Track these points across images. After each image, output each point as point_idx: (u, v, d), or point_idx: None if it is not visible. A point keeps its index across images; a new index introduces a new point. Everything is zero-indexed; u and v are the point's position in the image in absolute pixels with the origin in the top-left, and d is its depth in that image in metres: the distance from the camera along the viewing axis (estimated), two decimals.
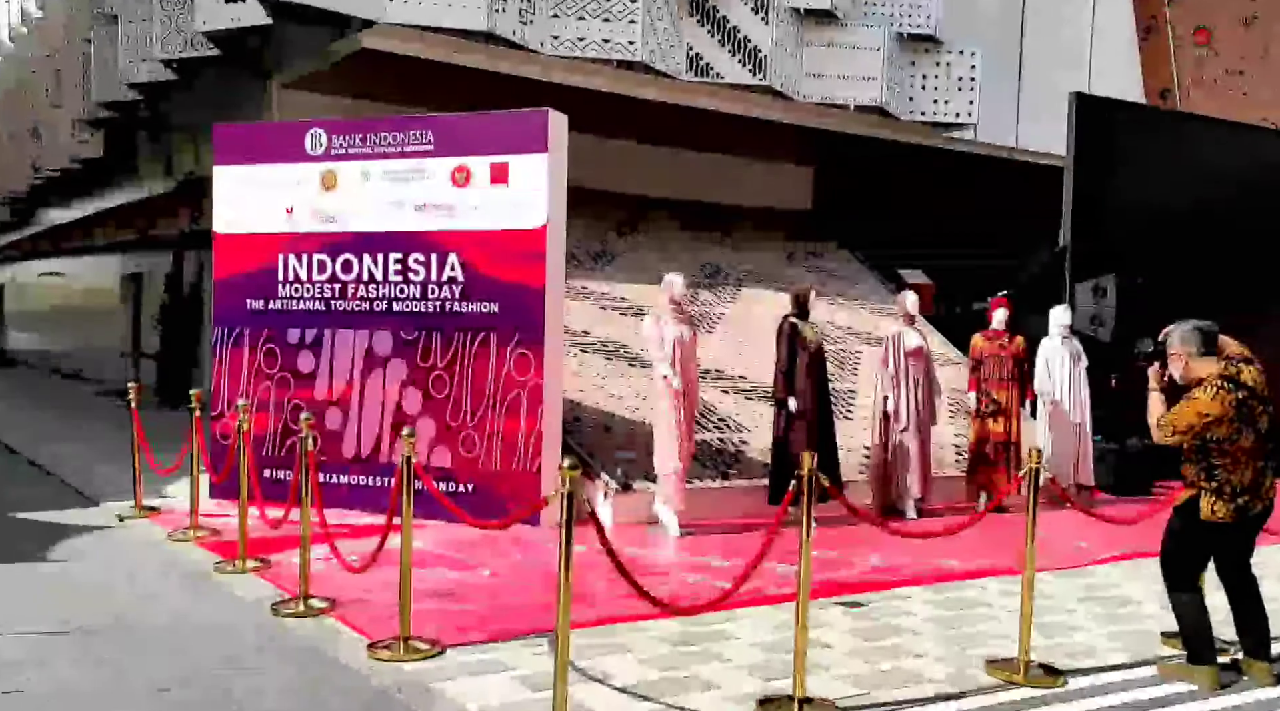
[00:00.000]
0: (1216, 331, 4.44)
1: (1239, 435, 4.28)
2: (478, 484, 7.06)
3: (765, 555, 4.19)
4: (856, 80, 12.90)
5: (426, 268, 7.20)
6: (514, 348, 7.00)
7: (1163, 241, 10.99)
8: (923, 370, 8.06)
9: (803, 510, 4.02)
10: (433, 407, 7.17)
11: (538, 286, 6.97)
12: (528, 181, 7.00)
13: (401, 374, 7.25)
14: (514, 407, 6.99)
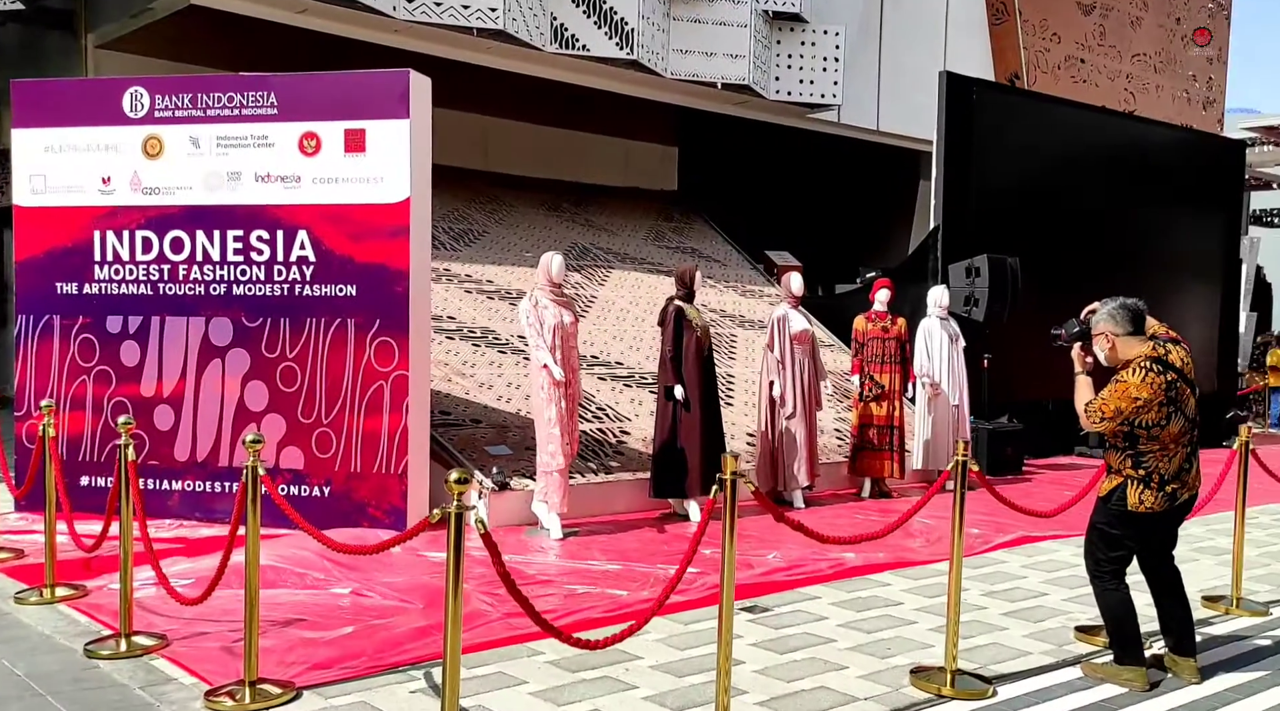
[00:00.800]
0: (1144, 310, 4.14)
1: (1168, 420, 3.98)
2: (335, 487, 6.25)
3: (684, 572, 3.63)
4: (723, 57, 12.46)
5: (271, 246, 6.31)
6: (375, 335, 6.21)
7: (1026, 220, 11.04)
8: (809, 353, 7.68)
9: (725, 518, 3.47)
10: (281, 403, 6.30)
11: (400, 267, 6.19)
12: (387, 150, 6.20)
13: (244, 366, 6.34)
14: (375, 402, 6.21)
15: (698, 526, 3.61)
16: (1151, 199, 12.44)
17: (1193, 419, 4.07)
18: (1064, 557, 6.25)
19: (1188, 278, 12.90)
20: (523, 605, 3.12)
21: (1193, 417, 4.06)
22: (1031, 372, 11.07)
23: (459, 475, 2.98)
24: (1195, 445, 4.13)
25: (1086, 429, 4.13)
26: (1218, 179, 13.26)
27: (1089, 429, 4.11)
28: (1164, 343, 4.07)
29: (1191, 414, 4.06)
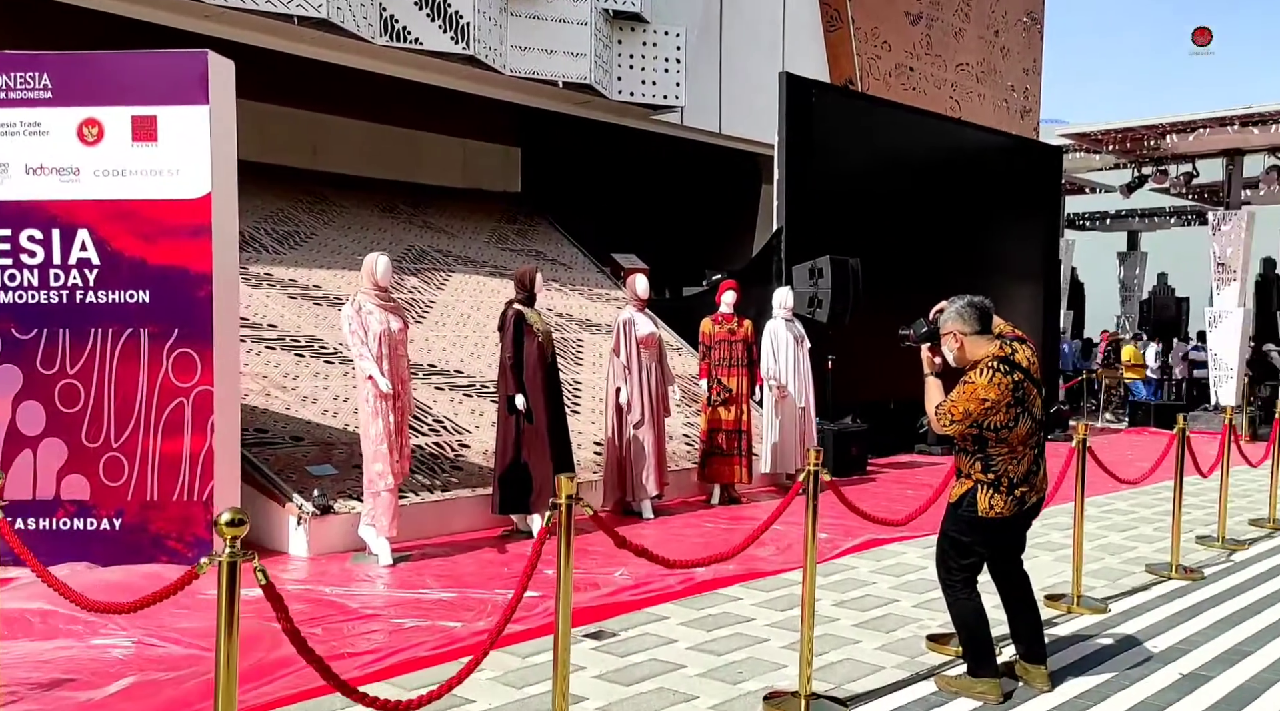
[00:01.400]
0: (991, 308, 3.98)
1: (1016, 422, 3.82)
2: (128, 519, 5.49)
3: (520, 599, 3.19)
4: (564, 55, 12.07)
5: (46, 247, 5.50)
6: (172, 346, 5.50)
7: (866, 222, 11.12)
8: (656, 358, 7.37)
9: (560, 546, 3.06)
10: (62, 425, 5.50)
11: (202, 270, 5.51)
12: (183, 140, 5.50)
13: (15, 384, 5.50)
14: (175, 421, 5.50)
15: (532, 549, 3.18)
16: (980, 201, 12.81)
17: (1039, 420, 3.93)
18: (911, 560, 6.14)
19: (1013, 278, 13.35)
20: (313, 663, 2.62)
21: (1039, 418, 3.93)
22: (873, 373, 11.15)
23: (231, 516, 2.46)
24: (1042, 446, 3.99)
25: (937, 432, 3.93)
26: (1038, 183, 13.79)
27: (939, 432, 3.91)
28: (1010, 342, 3.91)
29: (1038, 415, 3.92)
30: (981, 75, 19.11)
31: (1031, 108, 20.47)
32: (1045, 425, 4.00)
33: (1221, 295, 14.07)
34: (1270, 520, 7.58)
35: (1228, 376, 13.93)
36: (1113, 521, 7.62)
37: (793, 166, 10.09)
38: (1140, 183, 15.30)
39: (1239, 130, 13.21)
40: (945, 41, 18.17)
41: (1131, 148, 14.73)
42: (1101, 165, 17.32)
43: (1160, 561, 6.23)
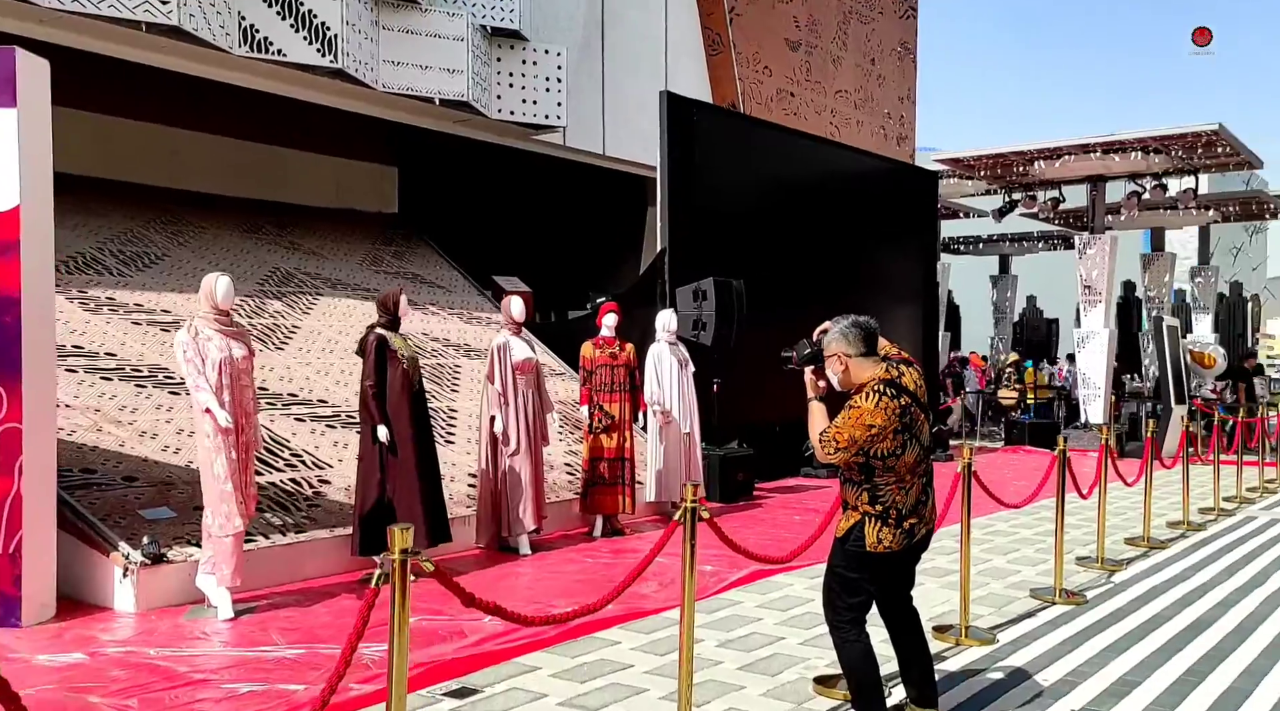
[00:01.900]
0: (877, 329, 3.74)
1: (903, 449, 3.57)
2: None
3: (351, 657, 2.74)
4: (440, 72, 11.62)
5: None
6: None
7: (750, 243, 10.98)
8: (533, 384, 6.97)
9: (394, 607, 2.64)
10: None
11: (8, 292, 4.87)
12: None
13: None
14: None
15: (364, 598, 2.73)
16: (861, 224, 12.86)
17: (927, 446, 3.70)
18: (799, 592, 5.88)
19: (895, 299, 13.44)
20: None
21: (927, 445, 3.70)
22: (759, 395, 10.98)
23: None
24: (930, 475, 3.76)
25: (822, 460, 3.66)
26: (916, 207, 13.98)
27: (824, 461, 3.64)
28: (897, 364, 3.68)
29: (926, 441, 3.69)
30: (859, 102, 19.44)
31: (907, 135, 20.96)
32: (929, 453, 3.77)
33: (1089, 316, 14.49)
34: (1144, 538, 7.64)
35: (1096, 395, 14.33)
36: (995, 543, 7.55)
37: (675, 187, 9.87)
38: (1011, 207, 15.70)
39: (1101, 157, 13.65)
40: (824, 69, 18.41)
41: (1002, 173, 15.10)
42: (974, 191, 17.73)
43: (1044, 585, 6.14)
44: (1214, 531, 8.39)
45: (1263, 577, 6.62)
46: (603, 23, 14.73)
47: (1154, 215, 17.15)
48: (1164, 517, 8.85)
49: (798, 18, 17.64)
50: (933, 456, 14.14)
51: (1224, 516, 9.11)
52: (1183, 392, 13.70)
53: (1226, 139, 12.68)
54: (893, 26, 20.28)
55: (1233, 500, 9.92)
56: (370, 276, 11.61)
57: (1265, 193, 17.13)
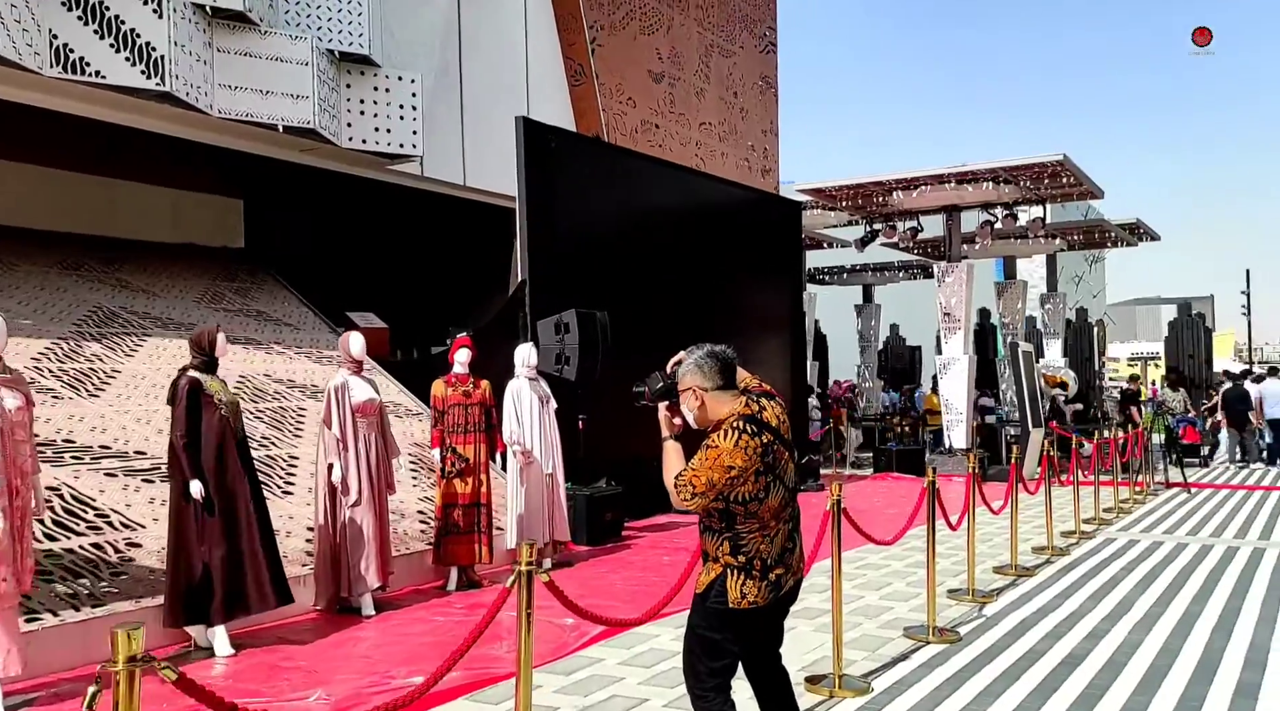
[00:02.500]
0: (735, 359, 3.39)
1: (767, 492, 3.20)
2: None
3: None
4: (283, 97, 10.93)
5: None
6: None
7: (615, 274, 10.66)
8: (376, 427, 6.39)
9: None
10: None
11: None
12: None
13: None
14: None
15: None
16: (727, 254, 12.73)
17: (793, 487, 3.35)
18: (664, 644, 5.47)
19: (763, 330, 13.35)
20: None
21: (793, 486, 3.35)
22: (627, 430, 10.60)
23: None
24: (797, 518, 3.41)
25: (678, 507, 3.27)
26: (781, 237, 13.98)
27: (680, 507, 3.25)
28: (758, 398, 3.33)
29: (791, 482, 3.33)
30: (724, 134, 19.53)
31: (771, 167, 21.19)
32: (796, 493, 3.43)
33: (949, 343, 14.74)
34: (1013, 566, 7.57)
35: (959, 420, 14.55)
36: (868, 578, 7.34)
37: (534, 215, 9.47)
38: (872, 237, 15.93)
39: (955, 187, 13.97)
40: (688, 101, 18.41)
41: (863, 204, 15.31)
42: (838, 221, 17.98)
43: (917, 622, 5.91)
44: (1077, 555, 8.43)
45: (1128, 604, 6.59)
46: (460, 50, 14.29)
47: (1006, 244, 17.73)
48: (1029, 542, 8.87)
49: (660, 49, 17.60)
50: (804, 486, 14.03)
51: (1085, 539, 9.20)
52: (1039, 415, 14.03)
53: (1070, 169, 13.14)
54: (753, 60, 20.52)
55: (1092, 522, 10.07)
56: (208, 314, 10.76)
57: (1106, 222, 17.94)
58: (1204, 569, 7.76)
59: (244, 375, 9.30)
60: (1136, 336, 65.91)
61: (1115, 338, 59.18)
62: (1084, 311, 22.61)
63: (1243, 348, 45.96)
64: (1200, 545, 8.89)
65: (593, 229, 10.39)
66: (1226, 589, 7.02)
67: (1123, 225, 18.06)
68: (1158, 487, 13.18)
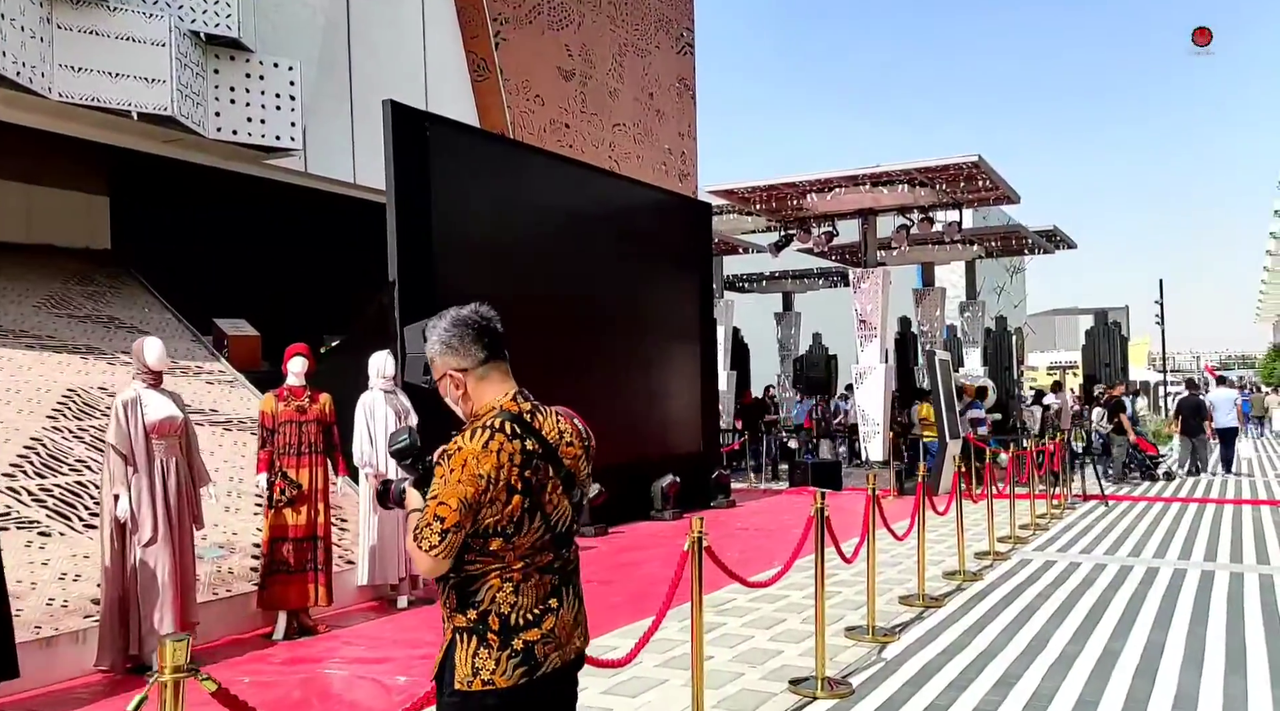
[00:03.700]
0: (495, 322, 2.43)
1: (519, 523, 2.21)
2: None
3: None
4: (135, 81, 9.82)
5: None
6: None
7: (503, 276, 9.74)
8: (178, 449, 5.38)
9: None
10: None
11: None
12: None
13: None
14: None
15: None
16: (631, 257, 11.90)
17: (567, 532, 2.37)
18: None
19: (670, 336, 12.53)
20: None
21: (563, 529, 2.35)
22: None
23: None
24: (570, 577, 2.39)
25: (428, 570, 2.29)
26: (690, 239, 13.18)
27: (431, 569, 2.21)
28: (530, 397, 2.42)
29: (565, 523, 2.34)
30: (639, 137, 18.75)
31: (690, 172, 20.45)
32: (569, 539, 2.38)
33: (865, 351, 14.11)
34: (919, 597, 6.82)
35: (875, 432, 13.91)
36: (761, 613, 6.52)
37: (406, 209, 8.50)
38: (786, 241, 15.25)
39: (871, 190, 13.37)
40: (601, 101, 17.59)
41: (777, 207, 14.63)
42: (755, 226, 17.32)
43: (805, 670, 5.10)
44: (991, 579, 7.74)
45: (1042, 641, 5.87)
46: (349, 39, 13.26)
47: (924, 250, 17.24)
48: (941, 565, 8.17)
49: (569, 46, 16.75)
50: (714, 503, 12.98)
51: (999, 560, 8.53)
52: (955, 426, 13.45)
53: (986, 171, 12.60)
54: (670, 62, 19.78)
55: (1007, 540, 9.43)
56: (46, 322, 9.58)
57: (1023, 228, 17.56)
58: (1123, 595, 7.11)
59: (73, 388, 8.19)
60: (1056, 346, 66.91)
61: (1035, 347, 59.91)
62: (1003, 320, 22.28)
63: (1156, 356, 46.68)
64: (1119, 566, 8.28)
65: (478, 227, 9.46)
66: (1148, 619, 6.37)
67: (1040, 232, 17.71)
68: (1074, 501, 12.67)
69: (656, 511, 11.37)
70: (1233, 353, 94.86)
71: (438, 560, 2.17)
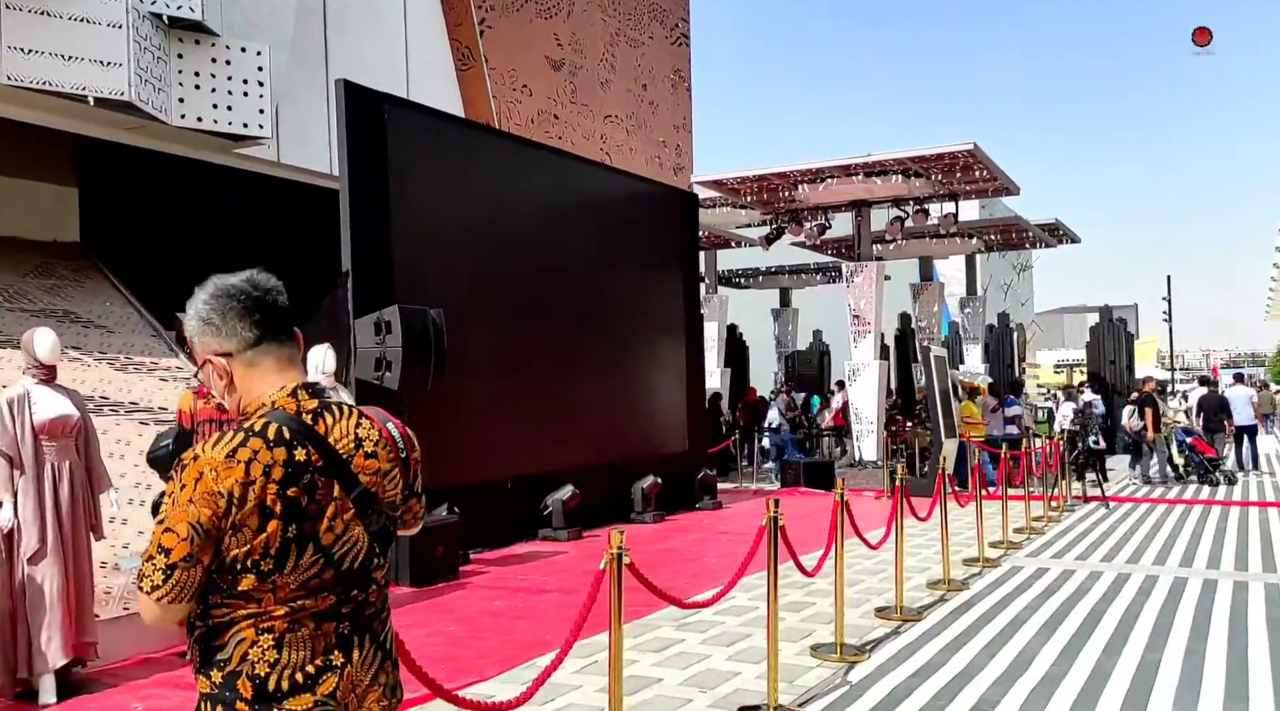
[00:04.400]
0: (278, 294, 1.92)
1: (283, 556, 1.67)
2: None
3: None
4: (91, 64, 9.35)
5: None
6: None
7: (469, 268, 9.24)
8: (73, 452, 4.88)
9: None
10: None
11: None
12: None
13: None
14: None
15: None
16: (611, 248, 11.37)
17: (362, 568, 1.80)
18: None
19: (653, 332, 12.00)
20: None
21: (361, 566, 1.79)
22: (484, 446, 9.20)
23: None
24: (373, 624, 1.82)
25: (155, 620, 1.72)
26: (675, 231, 12.63)
27: (159, 616, 1.66)
28: (324, 392, 1.87)
29: (357, 557, 1.78)
30: (632, 128, 18.20)
31: (685, 165, 19.89)
32: (365, 576, 1.80)
33: (858, 347, 13.56)
34: (898, 609, 6.28)
35: (869, 431, 13.35)
36: (723, 629, 5.99)
37: (361, 195, 8.02)
38: (778, 234, 14.69)
39: (864, 180, 12.80)
40: (592, 92, 17.05)
41: (768, 198, 14.07)
42: (749, 220, 16.77)
43: (760, 695, 4.57)
44: (977, 589, 7.19)
45: (1026, 660, 5.33)
46: (325, 23, 12.76)
47: (922, 244, 16.65)
48: (927, 573, 7.63)
49: (559, 35, 16.22)
50: (699, 504, 12.36)
51: (989, 567, 7.98)
52: (952, 425, 12.88)
53: (982, 160, 12.02)
54: (664, 53, 19.23)
55: (999, 545, 8.87)
56: (7, 322, 9.11)
57: (1024, 221, 16.93)
58: (1118, 607, 6.55)
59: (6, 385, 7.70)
60: (1064, 344, 66.15)
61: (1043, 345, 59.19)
62: (1005, 316, 21.67)
63: (1165, 355, 45.89)
64: (1116, 574, 7.72)
65: (442, 215, 8.96)
66: (1143, 635, 5.81)
67: (1041, 225, 17.09)
68: (1074, 502, 12.08)
69: (637, 514, 10.85)
70: (1242, 351, 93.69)
71: (163, 606, 1.64)
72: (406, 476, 1.93)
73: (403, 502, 1.95)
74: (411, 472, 1.95)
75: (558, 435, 10.06)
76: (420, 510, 2.04)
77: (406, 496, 1.95)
